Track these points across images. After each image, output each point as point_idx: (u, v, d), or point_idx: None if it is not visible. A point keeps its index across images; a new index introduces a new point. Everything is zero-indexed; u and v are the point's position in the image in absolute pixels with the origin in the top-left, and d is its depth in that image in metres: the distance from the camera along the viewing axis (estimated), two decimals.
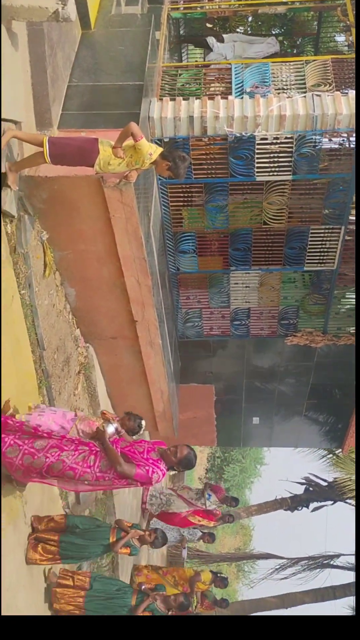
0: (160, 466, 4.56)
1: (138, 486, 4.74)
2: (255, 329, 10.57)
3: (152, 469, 4.52)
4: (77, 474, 4.46)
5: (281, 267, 9.23)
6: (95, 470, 4.49)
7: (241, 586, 27.48)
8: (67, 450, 4.51)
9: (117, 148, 5.07)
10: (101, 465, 4.52)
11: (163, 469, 4.58)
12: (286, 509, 14.99)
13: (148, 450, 4.62)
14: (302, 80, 7.52)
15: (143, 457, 4.57)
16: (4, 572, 4.61)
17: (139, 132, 4.99)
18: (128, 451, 4.57)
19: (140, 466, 4.52)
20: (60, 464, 4.45)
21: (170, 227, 8.70)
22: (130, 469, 4.50)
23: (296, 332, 10.38)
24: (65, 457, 4.48)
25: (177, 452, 4.62)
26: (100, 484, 4.60)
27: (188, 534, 10.73)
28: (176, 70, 7.98)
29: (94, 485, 4.61)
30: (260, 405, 12.78)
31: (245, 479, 31.59)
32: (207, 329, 10.66)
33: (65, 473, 4.46)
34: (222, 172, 7.81)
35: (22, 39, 5.31)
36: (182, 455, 4.62)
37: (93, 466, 4.50)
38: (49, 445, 4.51)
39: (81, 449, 4.55)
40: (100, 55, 7.04)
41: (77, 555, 5.64)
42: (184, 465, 4.66)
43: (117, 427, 5.11)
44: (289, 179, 7.84)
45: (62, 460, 4.46)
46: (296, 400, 12.51)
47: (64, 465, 4.45)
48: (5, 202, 5.02)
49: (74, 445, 4.58)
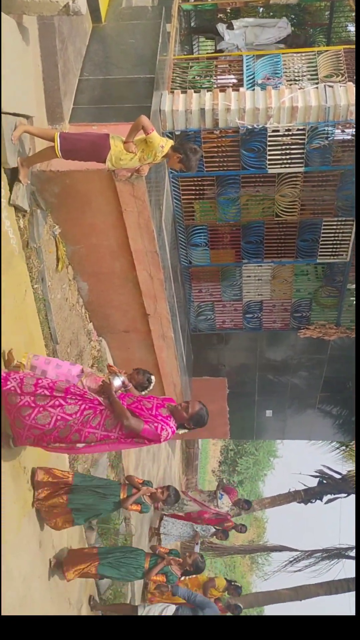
0: (170, 423, 4.37)
1: (146, 444, 4.48)
2: (268, 322, 10.56)
3: (162, 425, 4.31)
4: (82, 436, 4.28)
5: (294, 259, 9.21)
6: (100, 429, 4.30)
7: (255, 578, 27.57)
8: (71, 405, 4.31)
9: (128, 143, 5.06)
10: (106, 423, 4.33)
11: (173, 426, 4.39)
12: (300, 501, 14.97)
13: (157, 407, 4.42)
14: (314, 71, 7.47)
15: (151, 413, 4.36)
16: (20, 562, 4.65)
17: (149, 125, 4.98)
18: (135, 407, 4.38)
19: (149, 422, 4.31)
20: (67, 430, 4.27)
21: (182, 220, 8.69)
22: (138, 424, 4.28)
23: (309, 325, 10.35)
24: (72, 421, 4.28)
25: (188, 407, 4.42)
26: (106, 443, 4.38)
27: (201, 530, 10.71)
28: (187, 63, 7.95)
29: (99, 446, 4.41)
30: (273, 398, 12.77)
31: (258, 472, 31.67)
32: (220, 322, 10.66)
33: (71, 438, 4.29)
34: (233, 165, 7.79)
35: (33, 33, 5.31)
36: (194, 411, 4.42)
37: (98, 426, 4.30)
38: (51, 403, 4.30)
39: (86, 413, 4.33)
40: (111, 49, 7.03)
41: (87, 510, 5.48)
42: (195, 421, 4.46)
43: (125, 380, 4.89)
44: (301, 171, 7.80)
45: (69, 425, 4.27)
46: (309, 393, 12.50)
47: (71, 430, 4.27)
48: (18, 196, 5.04)
49: (77, 402, 4.36)
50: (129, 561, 5.86)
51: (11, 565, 4.48)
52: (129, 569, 5.84)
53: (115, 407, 4.34)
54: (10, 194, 4.97)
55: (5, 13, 4.53)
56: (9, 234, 4.97)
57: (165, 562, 6.06)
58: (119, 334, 8.03)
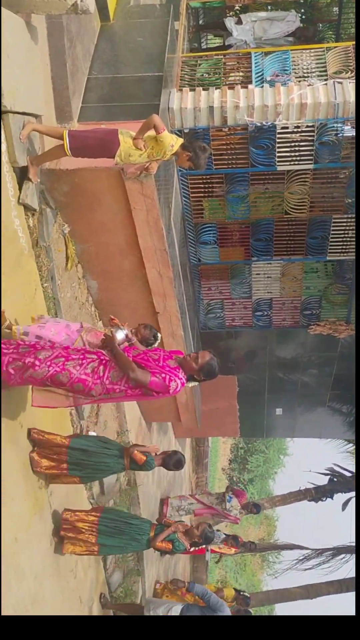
0: (179, 374, 4.15)
1: (154, 397, 4.25)
2: (278, 320, 10.53)
3: (169, 376, 4.11)
4: (87, 386, 4.08)
5: (303, 257, 9.18)
6: (105, 381, 4.10)
7: (265, 576, 27.54)
8: (74, 360, 4.11)
9: (138, 139, 5.06)
10: (111, 375, 4.12)
11: (182, 378, 4.17)
12: (310, 499, 14.95)
13: (164, 358, 4.22)
14: (323, 67, 7.43)
15: (158, 364, 4.15)
16: (32, 560, 4.67)
17: (161, 125, 4.98)
18: (141, 359, 4.18)
19: (156, 374, 4.10)
20: (67, 375, 4.05)
21: (191, 218, 8.68)
22: (145, 376, 4.08)
23: (319, 321, 10.31)
24: (72, 367, 4.07)
25: (198, 357, 4.19)
26: (112, 397, 4.21)
27: None
28: (195, 61, 7.94)
29: (104, 399, 4.23)
30: (283, 396, 12.74)
31: (268, 470, 31.59)
32: (229, 320, 10.64)
33: (74, 386, 4.08)
34: (242, 162, 7.77)
35: (41, 32, 5.32)
36: (204, 361, 4.20)
37: (102, 377, 4.10)
38: (54, 355, 4.10)
39: (89, 357, 4.14)
40: (120, 47, 7.03)
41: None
42: (205, 372, 4.24)
43: (128, 333, 4.63)
44: (310, 167, 7.77)
45: (68, 371, 4.05)
46: (319, 390, 12.45)
47: (72, 377, 4.05)
48: (27, 195, 5.05)
49: (80, 354, 4.16)
50: (133, 528, 5.56)
51: (22, 563, 4.50)
52: (133, 536, 5.53)
53: (120, 359, 4.13)
54: (20, 192, 4.98)
55: (13, 12, 4.54)
56: (19, 233, 4.98)
57: (172, 529, 5.70)
58: None
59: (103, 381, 4.09)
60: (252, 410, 13.04)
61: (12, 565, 4.32)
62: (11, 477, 4.44)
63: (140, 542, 5.57)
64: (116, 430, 8.02)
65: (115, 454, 5.25)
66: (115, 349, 4.17)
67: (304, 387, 12.42)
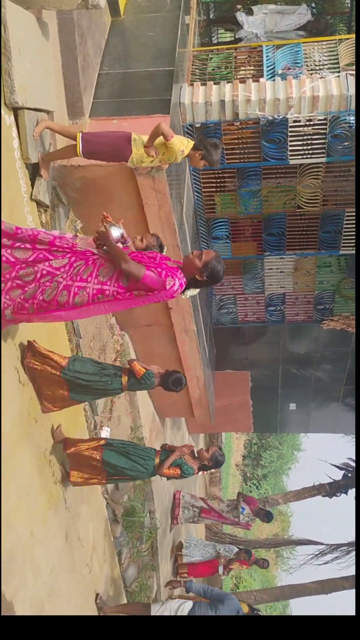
0: (178, 274, 3.79)
1: (150, 300, 3.83)
2: (291, 315, 10.49)
3: (166, 272, 3.75)
4: (71, 293, 3.68)
5: (316, 251, 9.13)
6: (93, 281, 3.71)
7: (280, 572, 27.53)
8: (58, 259, 3.75)
9: (149, 148, 5.07)
10: (100, 273, 3.75)
11: (181, 278, 3.80)
12: (325, 495, 14.89)
13: (162, 259, 3.88)
14: (335, 59, 7.38)
15: (155, 262, 3.80)
16: (48, 554, 4.70)
17: (169, 132, 4.97)
18: (136, 256, 3.84)
19: (151, 267, 3.74)
20: (54, 288, 3.68)
21: (203, 214, 8.67)
22: (139, 269, 3.68)
23: (332, 316, 10.27)
24: (60, 275, 3.71)
25: (202, 254, 3.86)
26: (100, 302, 3.75)
27: (224, 550, 10.54)
28: (207, 55, 7.92)
29: (92, 305, 3.76)
30: (297, 391, 12.71)
31: (282, 465, 31.58)
32: (242, 316, 10.62)
33: (58, 299, 3.69)
34: (254, 157, 7.73)
35: (52, 28, 5.33)
36: (208, 258, 3.86)
37: (90, 277, 3.72)
38: (35, 257, 3.71)
39: (77, 264, 3.76)
40: (130, 42, 7.02)
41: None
42: (209, 271, 3.87)
43: (124, 233, 4.23)
44: (323, 161, 7.72)
45: (56, 282, 3.69)
46: (333, 386, 12.40)
47: (58, 288, 3.68)
48: (39, 191, 5.06)
49: (66, 254, 3.79)
50: (138, 453, 5.27)
51: (38, 558, 4.53)
52: (138, 461, 5.23)
53: (112, 251, 3.78)
54: (32, 189, 5.00)
55: (24, 8, 4.55)
56: None
57: (178, 453, 5.35)
58: (142, 328, 8.04)
59: (91, 281, 3.71)
60: (266, 406, 13.02)
61: (28, 560, 4.35)
62: (26, 471, 4.47)
63: (145, 467, 5.26)
64: (130, 425, 8.04)
65: (111, 373, 4.94)
66: (109, 242, 3.85)
67: (318, 382, 12.38)
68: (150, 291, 3.76)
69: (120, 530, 6.93)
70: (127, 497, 7.45)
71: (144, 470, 5.26)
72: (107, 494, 6.73)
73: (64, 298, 3.69)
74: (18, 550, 4.20)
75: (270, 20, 9.16)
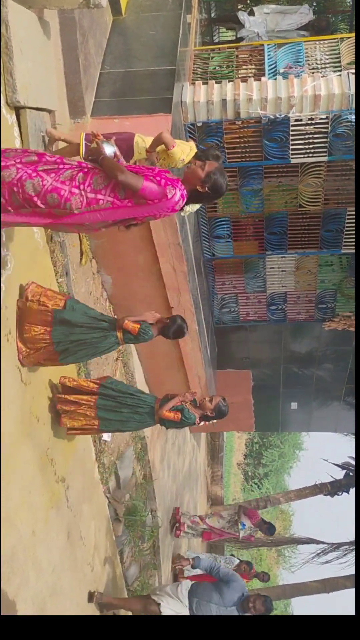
0: (179, 185, 3.59)
1: (151, 211, 3.60)
2: (293, 314, 10.50)
3: (166, 181, 3.53)
4: (62, 196, 3.43)
5: (318, 250, 9.13)
6: (87, 189, 3.47)
7: (282, 570, 27.54)
8: (49, 164, 3.52)
9: (150, 153, 5.08)
10: (94, 182, 3.50)
11: (182, 189, 3.60)
12: (326, 494, 14.90)
13: (162, 171, 3.66)
14: (336, 58, 7.38)
15: (154, 173, 3.58)
16: (50, 553, 4.71)
17: (170, 142, 4.98)
18: (132, 168, 3.62)
19: (149, 177, 3.52)
20: (38, 182, 3.41)
21: (204, 213, 8.67)
22: (136, 179, 3.46)
23: (334, 317, 10.26)
24: (44, 172, 3.46)
25: (205, 165, 3.73)
26: (98, 209, 3.50)
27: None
28: (208, 54, 7.91)
29: (86, 213, 3.51)
30: (299, 390, 12.70)
31: (284, 464, 31.56)
32: (244, 315, 10.62)
33: (47, 197, 3.42)
34: (256, 156, 7.73)
35: (54, 27, 5.32)
36: (211, 168, 3.70)
37: (83, 184, 3.47)
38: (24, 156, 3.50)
39: (67, 164, 3.54)
40: (132, 41, 7.02)
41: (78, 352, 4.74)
42: (212, 184, 3.72)
43: (117, 152, 3.88)
44: (324, 160, 7.72)
45: (40, 177, 3.43)
46: (335, 385, 12.40)
47: (44, 185, 3.42)
48: None
49: (56, 163, 3.54)
50: (135, 400, 5.06)
51: (40, 557, 4.54)
52: (135, 409, 5.02)
53: (106, 163, 3.54)
54: None
55: (26, 7, 4.55)
56: (33, 229, 4.99)
57: (180, 398, 5.11)
58: None
59: (84, 189, 3.47)
60: (267, 405, 13.02)
61: (29, 559, 4.36)
62: (28, 470, 4.47)
63: (143, 415, 5.05)
64: None
65: (105, 327, 4.73)
66: (102, 156, 3.60)
67: (319, 382, 12.38)
68: (151, 202, 3.55)
69: (122, 529, 6.94)
70: (129, 495, 7.46)
71: (141, 419, 5.07)
72: (109, 493, 6.74)
73: (54, 200, 3.45)
74: (20, 549, 4.21)
75: (272, 19, 9.16)
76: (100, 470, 6.42)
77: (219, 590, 5.87)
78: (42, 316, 4.49)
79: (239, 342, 11.60)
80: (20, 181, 3.41)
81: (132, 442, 7.85)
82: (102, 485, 6.48)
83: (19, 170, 3.44)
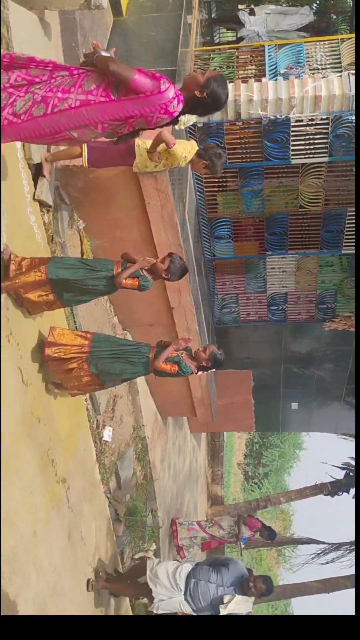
0: (175, 87, 3.40)
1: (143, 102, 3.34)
2: (293, 314, 10.50)
3: (161, 76, 3.36)
4: (49, 105, 3.28)
5: (318, 250, 9.14)
6: (77, 91, 3.30)
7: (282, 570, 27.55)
8: (39, 68, 3.39)
9: (152, 153, 5.09)
10: (85, 82, 3.33)
11: (179, 94, 3.42)
12: (326, 494, 14.90)
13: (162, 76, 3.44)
14: (337, 59, 7.39)
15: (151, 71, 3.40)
16: (51, 553, 4.71)
17: (170, 140, 4.98)
18: None
19: (142, 71, 3.34)
20: (28, 99, 3.29)
21: (205, 213, 8.67)
22: (129, 70, 3.30)
23: (334, 317, 10.27)
24: (36, 86, 3.32)
25: (205, 72, 3.56)
26: (84, 115, 3.32)
27: None
28: (208, 54, 7.92)
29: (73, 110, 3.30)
30: (299, 390, 12.72)
31: (284, 464, 31.58)
32: (244, 315, 10.63)
33: (32, 110, 3.28)
34: (256, 156, 7.74)
35: (55, 28, 5.33)
36: (212, 74, 3.54)
37: (74, 87, 3.31)
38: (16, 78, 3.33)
39: (58, 75, 3.38)
40: (133, 42, 7.02)
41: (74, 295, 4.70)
42: (211, 89, 3.51)
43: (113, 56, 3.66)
44: (325, 161, 7.73)
45: (31, 92, 3.30)
46: (335, 385, 12.41)
47: (34, 98, 3.29)
48: (42, 192, 5.07)
49: (46, 67, 3.41)
50: (128, 351, 4.93)
51: (41, 557, 4.54)
52: (129, 359, 4.89)
53: (100, 58, 3.37)
54: (35, 189, 5.01)
55: (27, 8, 4.56)
56: (34, 229, 5.00)
57: (174, 346, 4.99)
58: (144, 327, 8.04)
59: (75, 92, 3.31)
60: (267, 405, 13.03)
61: (30, 559, 4.36)
62: (29, 471, 4.48)
63: (137, 365, 4.90)
64: (132, 424, 8.05)
65: (103, 275, 4.68)
66: (97, 54, 3.42)
67: (320, 382, 12.39)
68: (144, 95, 3.33)
69: (122, 530, 6.95)
70: (129, 496, 7.47)
71: (135, 369, 4.94)
72: (110, 493, 6.74)
73: (39, 111, 3.30)
74: (21, 549, 4.22)
75: (272, 19, 9.18)
76: (100, 470, 6.43)
77: (217, 570, 5.92)
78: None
79: (240, 342, 11.61)
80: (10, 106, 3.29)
81: (133, 443, 7.86)
82: (102, 486, 6.49)
83: (10, 94, 3.31)
